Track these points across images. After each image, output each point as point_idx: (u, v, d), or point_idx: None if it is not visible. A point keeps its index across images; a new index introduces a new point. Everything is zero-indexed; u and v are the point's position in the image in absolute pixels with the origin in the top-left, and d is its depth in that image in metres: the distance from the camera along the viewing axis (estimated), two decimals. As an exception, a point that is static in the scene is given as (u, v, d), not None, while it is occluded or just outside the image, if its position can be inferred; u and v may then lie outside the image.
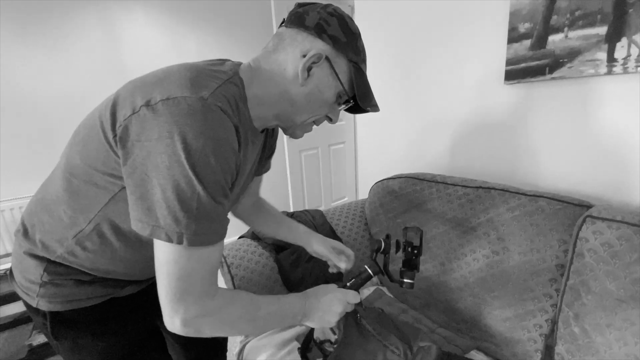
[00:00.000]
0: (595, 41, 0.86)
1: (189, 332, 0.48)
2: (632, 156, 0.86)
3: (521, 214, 0.89)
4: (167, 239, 0.44)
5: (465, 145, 1.28)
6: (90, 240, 0.54)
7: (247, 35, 2.60)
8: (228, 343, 1.65)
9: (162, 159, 0.42)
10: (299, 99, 0.57)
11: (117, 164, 0.47)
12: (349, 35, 0.56)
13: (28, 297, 0.58)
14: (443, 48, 1.27)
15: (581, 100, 0.92)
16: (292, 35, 0.55)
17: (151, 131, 0.43)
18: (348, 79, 0.58)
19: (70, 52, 1.98)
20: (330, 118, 0.64)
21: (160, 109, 0.43)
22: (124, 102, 0.47)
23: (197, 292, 0.48)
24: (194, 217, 0.44)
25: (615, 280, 0.70)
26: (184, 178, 0.42)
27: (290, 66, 0.55)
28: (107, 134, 0.47)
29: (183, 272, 0.46)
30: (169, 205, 0.43)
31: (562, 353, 0.78)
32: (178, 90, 0.44)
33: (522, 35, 0.98)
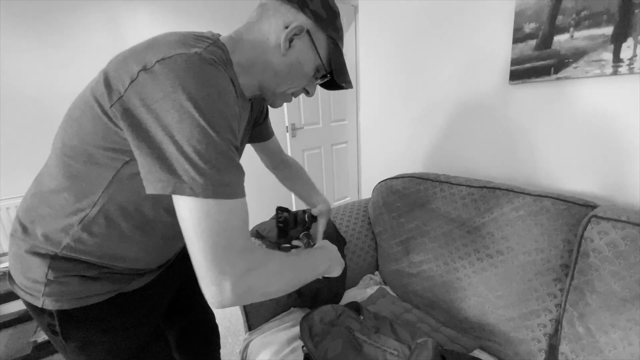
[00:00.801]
0: (601, 41, 0.85)
1: (240, 295, 0.45)
2: (638, 157, 0.85)
3: (526, 214, 0.89)
4: (191, 193, 0.42)
5: (470, 145, 1.28)
6: (96, 223, 0.54)
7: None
8: (232, 341, 1.66)
9: (171, 115, 0.42)
10: (280, 68, 0.59)
11: (119, 136, 0.47)
12: (329, 13, 0.59)
13: (32, 297, 0.56)
14: (447, 48, 1.27)
15: (586, 100, 0.92)
16: (275, 6, 0.57)
17: (154, 92, 0.43)
18: (326, 54, 0.61)
19: (74, 52, 1.99)
20: (308, 91, 0.67)
21: (158, 69, 0.43)
22: (117, 73, 0.46)
23: (238, 246, 0.45)
24: (216, 167, 0.43)
25: (620, 281, 0.70)
26: (197, 128, 0.42)
27: (273, 36, 0.57)
28: (104, 107, 0.46)
29: (219, 226, 0.43)
30: (188, 158, 0.42)
31: (566, 353, 0.78)
32: (171, 50, 0.45)
33: (527, 35, 0.99)
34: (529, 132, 1.07)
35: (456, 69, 1.25)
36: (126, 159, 0.49)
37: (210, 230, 0.43)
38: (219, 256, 0.43)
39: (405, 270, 1.17)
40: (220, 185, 0.43)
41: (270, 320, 1.10)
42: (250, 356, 1.01)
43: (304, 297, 1.11)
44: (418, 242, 1.15)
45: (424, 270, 1.11)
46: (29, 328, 1.84)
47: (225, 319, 1.85)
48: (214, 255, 0.43)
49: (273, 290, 0.51)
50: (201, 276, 0.44)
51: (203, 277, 0.44)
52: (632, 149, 0.86)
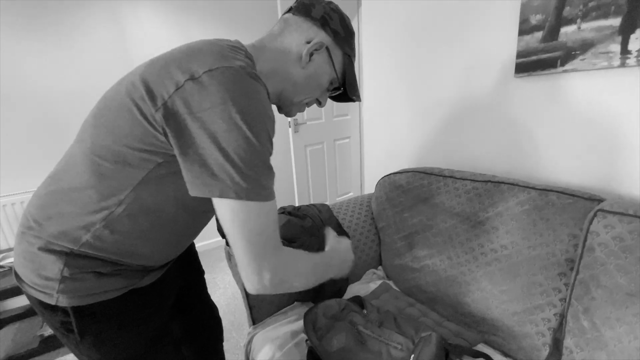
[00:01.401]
0: (608, 33, 0.84)
1: (276, 284, 0.53)
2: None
3: (531, 208, 0.89)
4: (236, 197, 0.47)
5: (474, 140, 1.27)
6: (120, 222, 0.55)
7: (254, 32, 2.60)
8: (236, 335, 1.67)
9: (219, 125, 0.45)
10: (299, 80, 0.64)
11: (157, 139, 0.49)
12: (346, 32, 0.65)
13: (45, 295, 0.56)
14: (452, 41, 1.25)
15: (593, 93, 0.91)
16: (298, 22, 0.62)
17: (202, 102, 0.46)
18: (341, 68, 0.67)
19: (77, 48, 1.99)
20: (320, 101, 0.71)
21: (207, 80, 0.46)
22: (159, 79, 0.49)
23: (274, 243, 0.53)
24: (257, 173, 0.48)
25: (626, 275, 0.70)
26: (244, 138, 0.46)
27: (295, 49, 0.62)
28: (144, 111, 0.48)
29: (259, 226, 0.50)
30: (234, 165, 0.46)
31: (571, 347, 0.78)
32: (216, 62, 0.48)
33: (533, 27, 0.97)
34: (534, 126, 1.06)
35: (461, 63, 1.24)
36: (159, 161, 0.51)
37: (251, 229, 0.49)
38: (260, 252, 0.50)
39: (409, 265, 1.17)
40: (261, 189, 0.49)
41: (274, 314, 1.10)
42: (254, 350, 1.01)
43: (308, 291, 1.11)
44: (421, 237, 1.14)
45: (428, 265, 1.10)
46: (36, 322, 1.86)
47: (229, 313, 1.86)
48: (256, 251, 0.50)
49: (298, 285, 0.58)
50: (243, 267, 0.51)
51: (245, 268, 0.51)
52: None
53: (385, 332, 0.89)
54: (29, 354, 1.62)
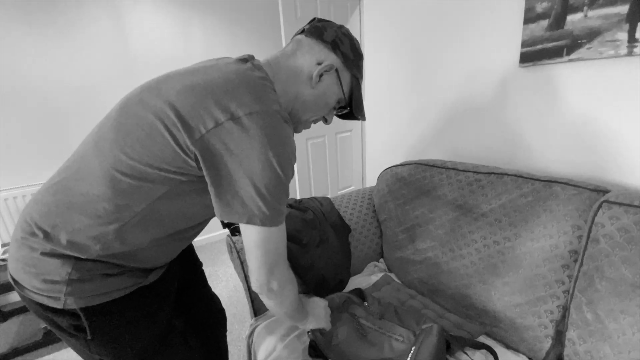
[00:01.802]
0: (615, 21, 0.82)
1: (278, 293, 0.63)
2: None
3: (534, 200, 0.88)
4: (261, 224, 0.55)
5: (477, 131, 1.25)
6: (131, 232, 0.56)
7: (253, 23, 2.57)
8: (238, 327, 1.68)
9: (255, 164, 0.51)
10: (308, 99, 0.67)
11: (186, 163, 0.52)
12: (355, 55, 0.68)
13: (50, 299, 0.55)
14: (455, 30, 1.23)
15: (600, 82, 0.89)
16: (310, 44, 0.65)
17: (241, 142, 0.50)
18: (349, 89, 0.70)
19: (77, 41, 1.97)
20: (326, 119, 0.74)
21: (247, 123, 0.50)
22: (196, 112, 0.51)
23: (284, 259, 0.63)
24: (279, 202, 0.55)
25: (631, 266, 0.69)
26: (276, 177, 0.53)
27: (306, 70, 0.65)
28: (179, 140, 0.51)
29: (273, 246, 0.58)
30: (263, 199, 0.53)
31: (574, 339, 0.78)
32: (255, 105, 0.52)
33: (539, 15, 0.95)
34: (539, 117, 1.05)
35: (464, 53, 1.22)
36: (183, 180, 0.55)
37: (269, 248, 0.58)
38: (272, 264, 0.60)
39: (410, 257, 1.16)
40: (280, 215, 0.57)
41: (276, 306, 1.10)
42: (255, 342, 1.02)
43: (309, 284, 1.11)
44: (423, 229, 1.14)
45: (429, 257, 1.10)
46: (40, 315, 1.87)
47: (232, 306, 1.87)
48: (270, 264, 0.60)
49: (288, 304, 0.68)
50: (255, 275, 0.60)
51: (257, 276, 0.60)
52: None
53: (387, 324, 0.89)
54: (32, 346, 1.64)
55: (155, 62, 2.25)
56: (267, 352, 0.94)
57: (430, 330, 0.80)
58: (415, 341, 0.80)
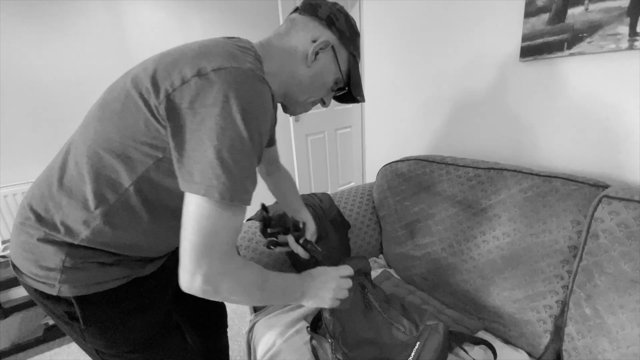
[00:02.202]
0: (616, 14, 0.81)
1: (207, 291, 0.49)
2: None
3: (534, 195, 0.87)
4: (219, 197, 0.46)
5: (477, 126, 1.25)
6: (119, 215, 0.55)
7: (251, 15, 2.56)
8: (238, 322, 1.69)
9: (216, 121, 0.45)
10: (304, 79, 0.64)
11: (158, 132, 0.49)
12: (352, 32, 0.65)
13: (46, 286, 0.55)
14: (455, 24, 1.22)
15: (601, 77, 0.89)
16: (304, 21, 0.62)
17: (205, 98, 0.46)
18: (346, 68, 0.67)
19: (74, 34, 1.96)
20: (324, 101, 0.71)
21: (214, 77, 0.46)
22: (165, 73, 0.49)
23: (222, 249, 0.49)
24: (245, 175, 0.48)
25: (630, 261, 0.69)
26: (239, 138, 0.46)
27: (301, 48, 0.62)
28: (149, 103, 0.49)
29: (214, 227, 0.47)
30: (223, 164, 0.46)
31: (572, 334, 0.78)
32: (226, 61, 0.48)
33: (540, 9, 0.94)
34: (539, 112, 1.04)
35: (465, 48, 1.21)
36: (159, 156, 0.51)
37: (205, 228, 0.47)
38: (203, 252, 0.47)
39: (410, 253, 1.16)
40: (244, 191, 0.48)
41: (275, 302, 1.11)
42: (255, 337, 1.02)
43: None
44: (423, 225, 1.14)
45: (429, 253, 1.10)
46: (40, 311, 1.88)
47: (231, 302, 1.87)
48: (199, 250, 0.47)
49: (235, 299, 0.53)
50: (182, 261, 0.48)
51: (183, 263, 0.48)
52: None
53: (391, 311, 0.85)
54: (34, 343, 1.65)
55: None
56: (267, 348, 0.94)
57: (437, 328, 0.78)
58: (419, 336, 0.79)
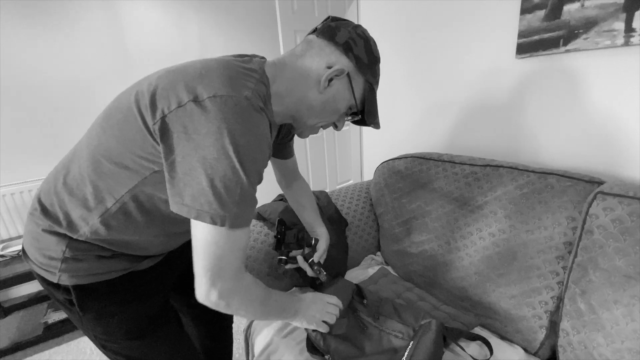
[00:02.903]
0: (612, 10, 0.81)
1: (219, 305, 0.54)
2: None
3: (530, 192, 0.88)
4: (211, 222, 0.48)
5: (473, 124, 1.25)
6: (115, 218, 0.57)
7: (250, 17, 2.55)
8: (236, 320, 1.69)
9: (210, 151, 0.46)
10: (315, 104, 0.62)
11: (154, 148, 0.50)
12: (371, 59, 0.62)
13: (48, 273, 0.59)
14: (451, 23, 1.22)
15: (597, 73, 0.89)
16: (321, 45, 0.60)
17: (199, 126, 0.46)
18: (361, 96, 0.64)
19: (72, 34, 1.95)
20: (336, 125, 0.69)
21: (209, 106, 0.46)
22: (164, 93, 0.49)
23: (233, 269, 0.53)
24: (236, 202, 0.49)
25: (624, 257, 0.69)
26: (231, 169, 0.47)
27: (314, 73, 0.60)
28: (146, 121, 0.49)
29: (222, 251, 0.51)
30: (215, 192, 0.47)
31: (567, 329, 0.78)
32: (223, 88, 0.48)
33: (535, 6, 0.94)
34: (535, 108, 1.04)
35: (460, 45, 1.21)
36: (155, 169, 0.53)
37: (214, 253, 0.50)
38: (216, 273, 0.51)
39: (407, 250, 1.17)
40: (236, 217, 0.49)
41: (273, 300, 1.11)
42: (253, 335, 1.02)
43: (306, 277, 1.11)
44: (420, 222, 1.14)
45: (426, 250, 1.10)
46: (40, 310, 1.89)
47: (230, 300, 1.88)
48: (212, 273, 0.51)
49: (242, 313, 0.59)
50: (197, 280, 0.52)
51: (198, 282, 0.52)
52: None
53: (386, 321, 0.87)
54: (34, 341, 1.65)
55: (151, 56, 2.23)
56: (264, 345, 0.94)
57: (429, 325, 0.78)
58: (413, 336, 0.80)
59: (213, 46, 2.48)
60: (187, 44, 2.36)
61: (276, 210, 1.19)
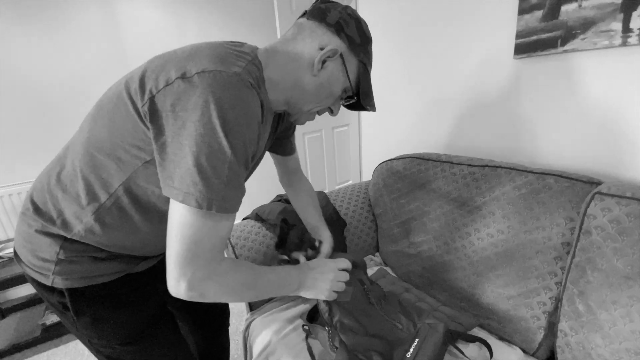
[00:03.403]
0: (610, 10, 0.81)
1: (192, 296, 0.50)
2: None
3: (528, 192, 0.88)
4: (197, 205, 0.45)
5: (472, 124, 1.25)
6: (110, 214, 0.55)
7: (248, 15, 2.54)
8: (234, 321, 1.68)
9: (196, 126, 0.44)
10: (309, 87, 0.61)
11: (145, 134, 0.49)
12: (363, 39, 0.61)
13: (41, 276, 0.57)
14: (449, 23, 1.22)
15: (594, 74, 0.89)
16: (312, 27, 0.59)
17: (186, 101, 0.45)
18: (355, 77, 0.63)
19: (70, 35, 1.95)
20: (332, 110, 0.69)
21: (196, 81, 0.45)
22: (153, 75, 0.48)
23: (207, 257, 0.49)
24: (224, 184, 0.46)
25: (622, 257, 0.69)
26: (217, 145, 0.45)
27: (307, 56, 0.59)
28: (136, 104, 0.48)
29: (197, 236, 0.47)
30: (201, 172, 0.44)
31: (565, 330, 0.78)
32: (212, 64, 0.46)
33: (533, 6, 0.94)
34: (533, 109, 1.04)
35: (459, 45, 1.21)
36: (147, 159, 0.51)
37: (189, 237, 0.47)
38: (187, 260, 0.47)
39: (405, 250, 1.16)
40: (223, 200, 0.47)
41: (271, 300, 1.11)
42: (251, 335, 1.02)
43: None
44: (418, 222, 1.14)
45: (424, 250, 1.10)
46: (38, 311, 1.88)
47: (229, 301, 1.88)
48: (183, 259, 0.47)
49: (225, 300, 0.56)
50: (168, 268, 0.49)
51: (168, 270, 0.49)
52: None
53: (389, 308, 0.85)
54: (32, 343, 1.65)
55: (149, 56, 2.22)
56: (263, 346, 0.94)
57: (436, 327, 0.77)
58: (416, 334, 0.77)
59: (211, 46, 2.47)
60: (185, 43, 2.35)
61: (275, 210, 1.19)
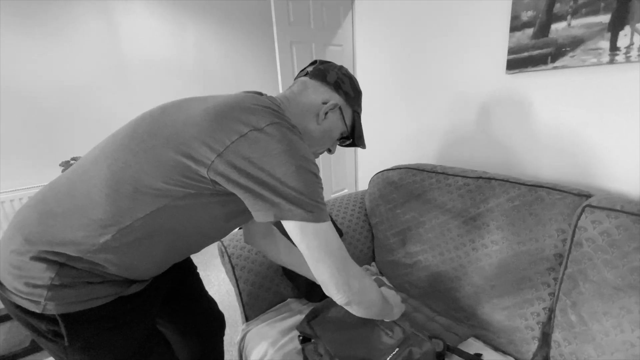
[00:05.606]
0: (598, 29, 0.85)
1: (361, 291, 0.61)
2: (633, 146, 0.85)
3: (521, 204, 0.89)
4: (315, 220, 0.55)
5: (466, 136, 1.27)
6: (118, 242, 0.56)
7: (246, 26, 2.58)
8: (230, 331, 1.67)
9: (287, 167, 0.53)
10: (315, 134, 0.72)
11: (201, 176, 0.54)
12: (355, 93, 0.75)
13: (31, 303, 0.55)
14: (444, 38, 1.25)
15: (583, 90, 0.92)
16: (315, 86, 0.72)
17: (268, 147, 0.53)
18: (351, 123, 0.76)
19: (69, 42, 1.96)
20: (330, 150, 0.81)
21: (271, 131, 0.54)
22: (216, 132, 0.53)
23: (348, 254, 0.60)
24: (322, 201, 0.57)
25: (613, 269, 0.71)
26: (311, 176, 0.55)
27: (313, 108, 0.71)
28: (195, 157, 0.53)
29: (335, 244, 0.58)
30: (305, 194, 0.54)
31: (559, 340, 0.79)
32: (274, 118, 0.57)
33: (524, 24, 0.97)
34: (525, 123, 1.07)
35: (453, 60, 1.24)
36: (191, 192, 0.55)
37: (332, 249, 0.57)
38: (343, 264, 0.59)
39: (401, 260, 1.17)
40: (323, 211, 0.57)
41: (267, 311, 1.11)
42: (247, 346, 1.02)
43: (300, 288, 1.11)
44: (414, 233, 1.15)
45: (420, 260, 1.11)
46: (28, 321, 1.84)
47: (224, 310, 1.84)
48: (340, 264, 0.58)
49: (373, 297, 0.67)
50: (332, 282, 0.58)
51: (335, 283, 0.58)
52: (629, 137, 0.86)
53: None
54: (21, 353, 1.61)
55: (147, 63, 2.24)
56: (259, 357, 0.94)
57: (422, 343, 0.78)
58: (400, 343, 0.79)
59: (209, 54, 2.50)
60: (183, 51, 2.38)
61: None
